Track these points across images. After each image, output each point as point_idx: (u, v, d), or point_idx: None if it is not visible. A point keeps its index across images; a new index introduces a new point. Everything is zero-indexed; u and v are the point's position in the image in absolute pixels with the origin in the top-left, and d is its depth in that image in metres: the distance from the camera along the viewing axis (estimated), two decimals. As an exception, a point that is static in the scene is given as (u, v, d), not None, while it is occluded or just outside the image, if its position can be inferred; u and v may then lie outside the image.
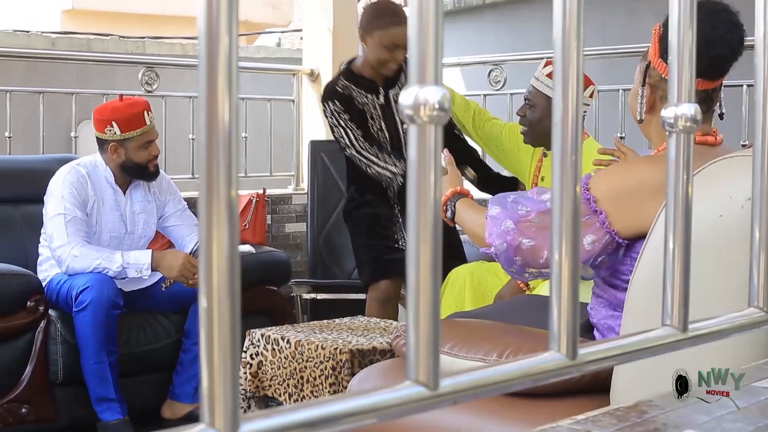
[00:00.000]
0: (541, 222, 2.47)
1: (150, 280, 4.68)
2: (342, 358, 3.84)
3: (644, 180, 2.43)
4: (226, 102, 0.82)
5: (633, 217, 2.41)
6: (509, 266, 2.55)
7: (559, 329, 1.06)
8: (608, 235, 2.42)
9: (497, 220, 2.53)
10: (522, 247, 2.48)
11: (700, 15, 2.44)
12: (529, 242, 2.48)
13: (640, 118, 2.55)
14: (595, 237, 2.43)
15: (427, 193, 0.91)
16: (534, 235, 2.47)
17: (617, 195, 2.43)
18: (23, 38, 10.32)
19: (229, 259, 0.82)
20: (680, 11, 1.21)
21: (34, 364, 4.39)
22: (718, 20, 2.43)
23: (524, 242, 2.48)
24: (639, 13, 8.78)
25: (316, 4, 7.03)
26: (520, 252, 2.49)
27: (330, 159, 6.31)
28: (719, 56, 2.47)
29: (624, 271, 2.48)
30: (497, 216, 2.53)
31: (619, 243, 2.45)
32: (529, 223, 2.48)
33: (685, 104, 1.20)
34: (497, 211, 2.54)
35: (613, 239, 2.43)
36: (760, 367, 1.62)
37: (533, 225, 2.48)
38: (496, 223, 2.53)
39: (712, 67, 2.49)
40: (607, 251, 2.46)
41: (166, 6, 18.51)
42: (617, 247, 2.46)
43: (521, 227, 2.48)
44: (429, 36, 0.89)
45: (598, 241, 2.43)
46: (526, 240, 2.48)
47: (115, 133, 4.59)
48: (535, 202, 2.51)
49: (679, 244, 1.23)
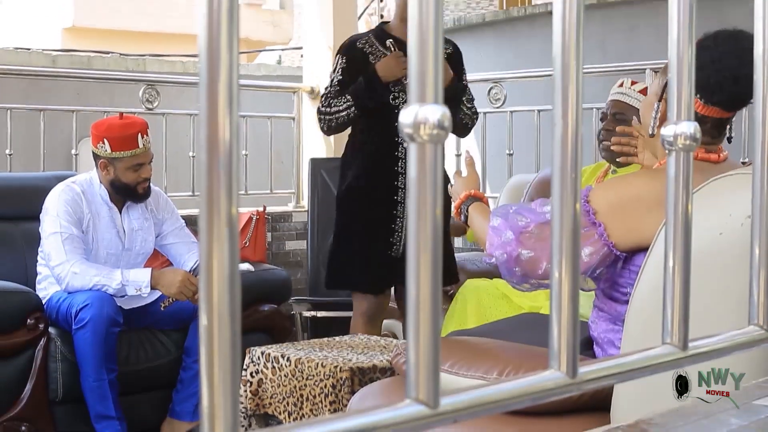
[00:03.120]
0: (541, 233, 2.49)
1: (149, 298, 4.68)
2: (342, 376, 3.83)
3: (643, 194, 2.44)
4: (226, 120, 0.82)
5: (631, 230, 2.43)
6: (510, 277, 2.57)
7: (559, 347, 1.06)
8: (606, 247, 2.44)
9: (498, 230, 2.54)
10: (521, 258, 2.49)
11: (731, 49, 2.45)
12: (528, 253, 2.49)
13: (652, 133, 2.56)
14: (593, 249, 2.44)
15: (427, 212, 0.91)
16: (533, 247, 2.49)
17: (616, 208, 2.45)
18: (24, 56, 10.34)
19: (229, 277, 0.82)
20: (679, 29, 1.21)
21: (33, 382, 4.39)
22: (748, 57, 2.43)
23: (524, 253, 2.49)
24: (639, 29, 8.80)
25: (316, 22, 7.04)
26: (519, 263, 2.50)
27: (330, 176, 6.31)
28: (741, 93, 2.48)
29: (623, 283, 2.49)
30: (498, 227, 2.55)
31: (617, 255, 2.46)
32: (529, 234, 2.50)
33: (685, 122, 1.20)
34: (498, 222, 2.56)
35: (611, 252, 2.44)
36: (760, 386, 1.62)
37: (533, 236, 2.49)
38: (497, 234, 2.54)
39: (733, 101, 2.51)
40: (605, 263, 2.47)
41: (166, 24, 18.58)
42: (615, 260, 2.48)
43: (521, 238, 2.50)
44: (429, 54, 0.90)
45: (596, 253, 2.44)
46: (526, 251, 2.49)
47: (106, 151, 4.59)
48: (535, 213, 2.53)
49: (679, 262, 1.23)
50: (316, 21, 7.04)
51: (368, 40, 4.67)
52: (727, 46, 2.47)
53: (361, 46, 4.64)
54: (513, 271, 2.53)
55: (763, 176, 1.36)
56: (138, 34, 18.22)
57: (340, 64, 4.64)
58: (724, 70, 2.45)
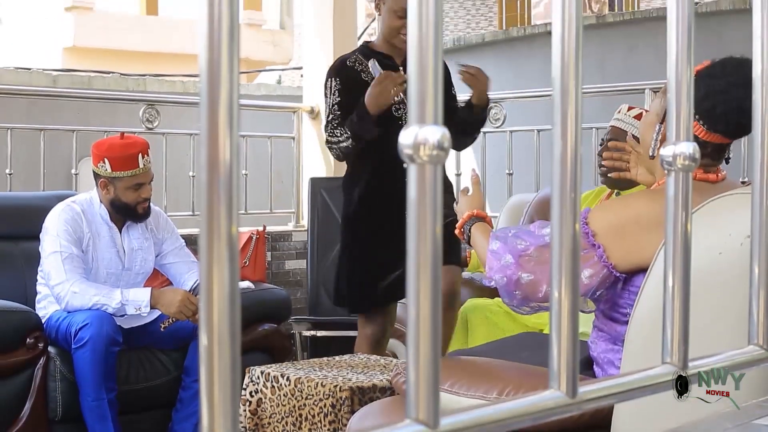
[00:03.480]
0: (540, 257, 2.49)
1: (149, 317, 4.67)
2: (342, 396, 3.83)
3: (641, 214, 2.45)
4: (227, 139, 0.82)
5: (630, 252, 2.43)
6: (510, 300, 2.57)
7: (559, 367, 1.06)
8: (606, 269, 2.44)
9: (498, 254, 2.54)
10: (521, 281, 2.49)
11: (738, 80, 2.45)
12: (528, 276, 2.49)
13: (652, 155, 2.56)
14: (593, 271, 2.44)
15: (426, 232, 0.91)
16: (533, 270, 2.49)
17: (615, 229, 2.45)
18: (25, 75, 10.36)
19: (229, 297, 0.82)
20: (678, 50, 1.21)
21: (33, 401, 4.38)
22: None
23: (523, 276, 2.49)
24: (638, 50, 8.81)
25: (316, 42, 7.06)
26: (519, 286, 2.50)
27: (330, 196, 6.32)
28: (746, 123, 2.49)
29: (623, 304, 2.49)
30: (498, 250, 2.55)
31: (617, 277, 2.46)
32: (528, 257, 2.50)
33: (683, 143, 1.20)
34: (498, 245, 2.56)
35: (611, 273, 2.44)
36: (760, 405, 1.62)
37: (532, 260, 2.50)
38: (496, 258, 2.54)
39: (737, 130, 2.51)
40: (605, 285, 2.47)
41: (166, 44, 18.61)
42: (615, 281, 2.48)
43: (520, 262, 2.50)
44: (428, 75, 0.90)
45: (596, 275, 2.44)
46: (525, 274, 2.49)
47: (107, 170, 4.59)
48: (534, 236, 2.53)
49: (678, 282, 1.23)
50: (316, 41, 7.06)
51: (357, 59, 4.55)
52: (734, 77, 2.47)
53: (351, 65, 4.51)
54: (513, 294, 2.53)
55: (762, 196, 1.36)
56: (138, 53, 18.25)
57: (335, 87, 4.50)
58: (731, 101, 2.45)
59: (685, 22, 1.21)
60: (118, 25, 18.58)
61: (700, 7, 8.94)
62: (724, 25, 8.44)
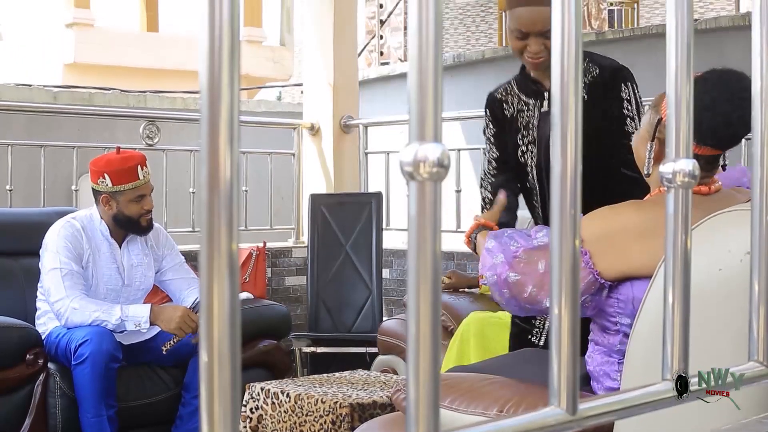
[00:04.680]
0: (529, 259, 2.56)
1: (149, 334, 4.67)
2: (342, 412, 3.82)
3: (629, 224, 2.47)
4: (227, 156, 0.82)
5: (617, 260, 2.46)
6: (500, 297, 2.66)
7: (559, 384, 1.06)
8: (591, 275, 2.47)
9: (492, 252, 2.62)
10: (509, 280, 2.57)
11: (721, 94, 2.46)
12: (515, 276, 2.55)
13: (648, 172, 2.58)
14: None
15: (426, 250, 0.91)
16: (522, 271, 2.56)
17: (602, 237, 2.48)
18: (25, 92, 10.37)
19: (229, 313, 0.82)
20: (677, 67, 1.22)
21: (32, 417, 4.37)
22: (740, 99, 2.45)
23: (511, 276, 2.56)
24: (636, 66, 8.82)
25: (316, 59, 7.07)
26: (507, 285, 2.58)
27: (330, 212, 6.32)
28: (734, 134, 2.50)
29: (611, 312, 2.52)
30: (492, 249, 2.62)
31: (602, 284, 2.48)
32: (518, 259, 2.57)
33: (683, 160, 1.20)
34: (493, 244, 2.63)
35: (596, 280, 2.48)
36: (760, 421, 1.61)
37: (521, 261, 2.56)
38: (490, 255, 2.62)
39: (726, 142, 2.52)
40: (591, 291, 2.50)
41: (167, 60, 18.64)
42: (600, 288, 2.50)
43: (512, 262, 2.57)
44: (428, 92, 0.90)
45: (582, 279, 2.46)
46: (513, 274, 2.56)
47: (107, 185, 4.60)
48: (526, 238, 2.60)
49: (678, 298, 1.23)
50: (316, 58, 7.07)
51: (507, 88, 3.89)
52: (718, 91, 2.47)
53: (499, 96, 3.90)
54: (502, 292, 2.60)
55: (761, 212, 1.36)
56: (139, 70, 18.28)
57: (487, 119, 3.93)
58: (718, 116, 2.46)
59: (685, 38, 1.21)
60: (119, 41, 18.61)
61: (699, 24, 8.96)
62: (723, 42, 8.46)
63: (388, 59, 18.12)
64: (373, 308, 6.09)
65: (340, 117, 6.99)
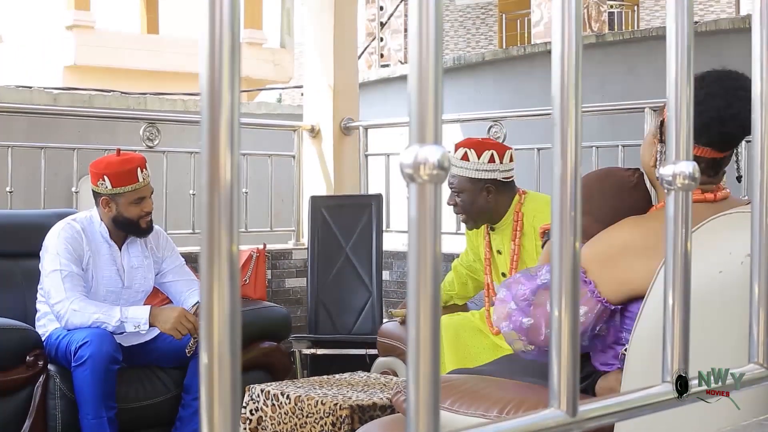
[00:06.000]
0: (537, 299, 2.47)
1: (149, 335, 4.67)
2: (342, 414, 3.82)
3: (628, 242, 2.44)
4: (228, 158, 0.82)
5: (622, 282, 2.42)
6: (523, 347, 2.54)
7: (560, 386, 1.06)
8: (600, 304, 2.43)
9: (504, 302, 2.53)
10: (523, 326, 2.48)
11: (717, 90, 2.46)
12: (528, 321, 2.47)
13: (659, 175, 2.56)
14: (587, 308, 2.43)
15: (426, 251, 0.91)
16: (532, 313, 2.47)
17: (603, 263, 2.44)
18: (25, 93, 10.37)
19: (230, 315, 0.82)
20: (678, 70, 1.22)
21: (32, 419, 4.37)
22: (734, 97, 2.44)
23: (524, 321, 2.48)
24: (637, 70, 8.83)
25: (316, 61, 7.07)
26: (522, 331, 2.49)
27: (330, 214, 6.32)
28: (729, 133, 2.48)
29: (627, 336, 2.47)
30: (504, 298, 2.53)
31: (613, 310, 2.45)
32: (527, 301, 2.48)
33: (683, 162, 1.20)
34: (503, 293, 2.54)
35: (605, 308, 2.44)
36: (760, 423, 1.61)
37: (530, 302, 2.48)
38: (502, 306, 2.53)
39: (722, 142, 2.50)
40: (603, 320, 2.46)
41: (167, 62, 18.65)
42: (612, 314, 2.47)
43: (520, 306, 2.48)
44: (429, 94, 0.90)
45: (590, 311, 2.44)
46: (526, 319, 2.48)
47: (107, 188, 4.61)
48: (530, 279, 2.52)
49: (678, 301, 1.23)
50: (317, 60, 7.07)
51: None
52: (712, 88, 2.47)
53: None
54: (522, 339, 2.52)
55: (762, 215, 1.36)
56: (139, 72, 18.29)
57: None
58: (710, 111, 2.45)
59: (685, 41, 1.21)
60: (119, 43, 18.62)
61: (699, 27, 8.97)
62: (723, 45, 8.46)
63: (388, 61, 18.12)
64: (373, 310, 6.09)
65: (340, 119, 6.99)
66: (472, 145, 4.38)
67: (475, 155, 4.32)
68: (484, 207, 4.36)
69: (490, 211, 4.38)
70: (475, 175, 4.32)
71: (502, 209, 4.40)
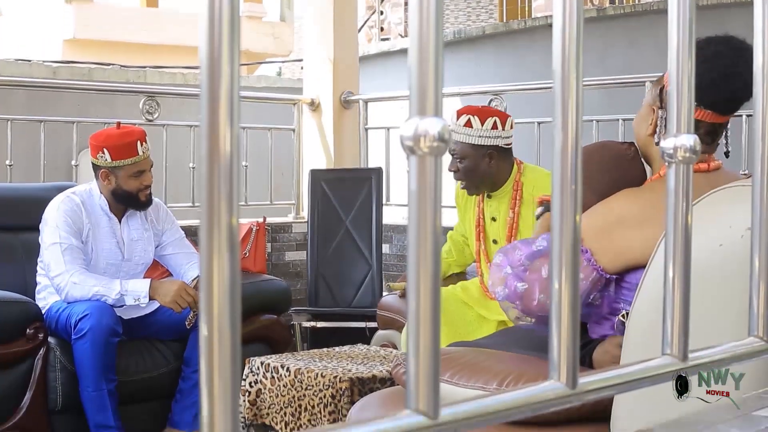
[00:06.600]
0: (532, 265, 2.49)
1: (149, 308, 4.68)
2: (341, 387, 3.83)
3: (625, 214, 2.45)
4: (227, 131, 0.82)
5: (618, 253, 2.44)
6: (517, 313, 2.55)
7: (559, 358, 1.06)
8: (595, 272, 2.45)
9: (500, 267, 2.55)
10: (518, 291, 2.49)
11: (723, 50, 2.47)
12: (522, 286, 2.49)
13: (658, 141, 2.56)
14: (582, 275, 2.44)
15: (426, 224, 0.91)
16: (527, 278, 2.49)
17: (601, 232, 2.45)
18: (25, 67, 10.35)
19: (229, 288, 0.82)
20: (679, 42, 1.21)
21: (33, 392, 4.38)
22: (739, 57, 2.45)
23: (518, 286, 2.50)
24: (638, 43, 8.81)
25: (316, 35, 7.05)
26: (517, 296, 2.50)
27: (330, 187, 6.32)
28: (734, 92, 2.48)
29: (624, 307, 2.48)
30: (500, 263, 2.55)
31: (608, 279, 2.46)
32: (522, 267, 2.50)
33: (684, 135, 1.20)
34: (500, 258, 2.56)
35: (601, 276, 2.45)
36: (760, 396, 1.62)
37: (526, 268, 2.49)
38: (498, 270, 2.54)
39: (726, 102, 2.50)
40: (597, 288, 2.47)
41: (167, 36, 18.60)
42: (607, 283, 2.48)
43: (516, 271, 2.50)
44: (429, 67, 0.90)
45: (585, 278, 2.45)
46: (520, 284, 2.49)
47: (107, 160, 4.60)
48: (527, 244, 2.53)
49: (678, 274, 1.23)
50: (316, 33, 7.05)
51: None
52: (719, 47, 2.48)
53: None
54: (516, 305, 2.53)
55: (762, 188, 1.36)
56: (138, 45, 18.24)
57: None
58: (718, 68, 2.45)
59: (686, 14, 1.21)
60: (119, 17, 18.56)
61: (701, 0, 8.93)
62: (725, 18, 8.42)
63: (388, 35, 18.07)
64: (373, 283, 6.10)
65: (340, 93, 6.98)
66: (474, 112, 4.45)
67: (479, 122, 4.38)
68: (486, 173, 4.43)
69: (491, 177, 4.45)
70: (478, 141, 4.38)
71: (503, 176, 4.48)
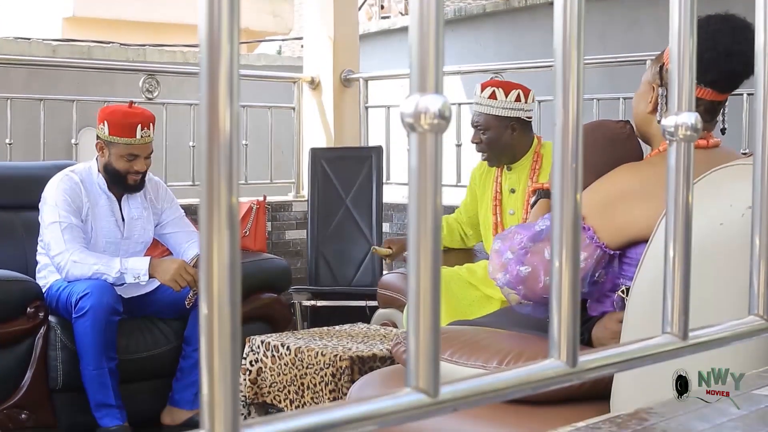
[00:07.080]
0: (534, 247, 2.48)
1: (149, 287, 4.68)
2: (342, 365, 3.84)
3: (626, 189, 2.45)
4: (227, 110, 0.82)
5: (620, 228, 2.43)
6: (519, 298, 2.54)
7: (560, 336, 1.06)
8: (599, 249, 2.44)
9: (499, 253, 2.53)
10: (521, 275, 2.48)
11: (723, 27, 2.46)
12: (525, 269, 2.48)
13: (660, 118, 2.56)
14: (586, 254, 2.44)
15: (427, 202, 0.91)
16: (529, 261, 2.47)
17: (602, 208, 2.45)
18: (24, 45, 10.32)
19: (229, 266, 0.82)
20: (681, 20, 1.21)
21: (33, 370, 4.39)
22: (741, 35, 2.45)
23: (521, 270, 2.48)
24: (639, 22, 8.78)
25: (316, 13, 7.04)
26: (520, 281, 2.49)
27: (330, 166, 6.32)
28: (735, 70, 2.48)
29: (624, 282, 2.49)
30: (499, 249, 2.54)
31: (612, 255, 2.46)
32: (524, 249, 2.49)
33: (686, 113, 1.20)
34: (499, 244, 2.55)
35: (604, 252, 2.45)
36: (760, 375, 1.62)
37: (527, 250, 2.48)
38: (498, 257, 2.54)
39: (726, 80, 2.51)
40: (602, 265, 2.47)
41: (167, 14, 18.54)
42: (611, 259, 2.48)
43: (517, 255, 2.49)
44: (430, 44, 0.90)
45: (590, 257, 2.45)
46: (523, 267, 2.48)
47: (104, 133, 4.61)
48: (528, 227, 2.53)
49: (679, 252, 1.23)
50: (317, 11, 7.04)
51: None
52: (719, 25, 2.48)
53: None
54: (518, 289, 2.52)
55: (763, 167, 1.36)
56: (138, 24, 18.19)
57: None
58: (718, 46, 2.45)
59: (688, -9, 1.21)
60: (118, -6, 18.50)
61: (702, -22, 8.89)
62: (726, -4, 8.40)
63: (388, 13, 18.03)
64: (373, 262, 6.11)
65: (340, 71, 6.97)
66: (499, 85, 4.61)
67: (503, 94, 4.53)
68: (509, 144, 4.56)
69: (513, 149, 4.59)
70: (502, 113, 4.51)
71: (524, 147, 4.62)
